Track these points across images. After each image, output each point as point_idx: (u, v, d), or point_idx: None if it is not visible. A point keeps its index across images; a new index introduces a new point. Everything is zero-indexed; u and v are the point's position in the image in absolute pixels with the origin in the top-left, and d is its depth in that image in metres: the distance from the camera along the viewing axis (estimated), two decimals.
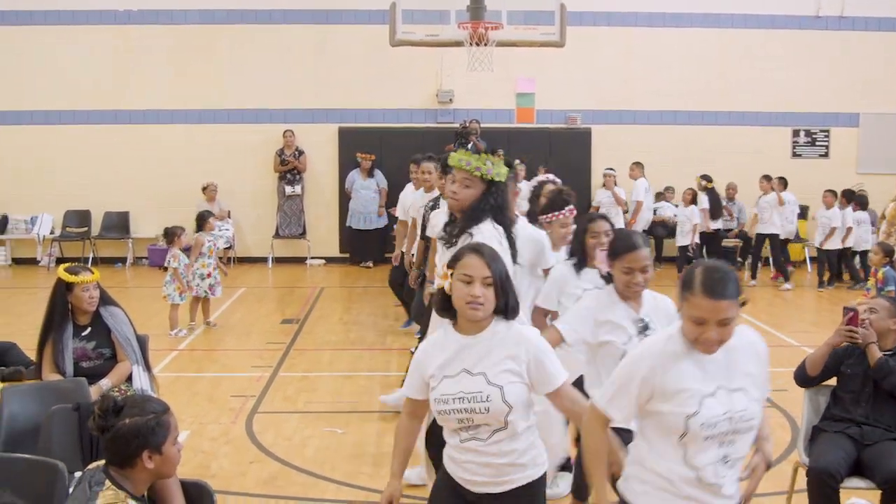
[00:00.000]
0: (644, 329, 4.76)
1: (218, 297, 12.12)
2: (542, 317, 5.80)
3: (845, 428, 5.39)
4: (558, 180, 8.80)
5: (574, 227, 6.41)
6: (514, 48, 14.47)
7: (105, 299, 6.32)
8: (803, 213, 17.39)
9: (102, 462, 3.47)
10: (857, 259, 15.85)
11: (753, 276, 16.04)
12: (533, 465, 3.78)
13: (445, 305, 3.80)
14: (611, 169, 16.65)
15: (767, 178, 16.14)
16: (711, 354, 3.39)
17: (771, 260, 16.39)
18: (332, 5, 17.71)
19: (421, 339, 7.33)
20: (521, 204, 10.32)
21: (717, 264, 3.46)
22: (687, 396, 3.39)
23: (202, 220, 11.98)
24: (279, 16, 17.77)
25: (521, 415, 3.69)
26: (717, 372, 3.42)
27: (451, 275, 3.72)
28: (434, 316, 5.22)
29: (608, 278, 5.00)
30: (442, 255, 5.44)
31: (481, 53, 13.18)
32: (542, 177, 7.77)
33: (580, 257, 5.76)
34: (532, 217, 7.44)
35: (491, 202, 5.35)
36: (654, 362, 3.45)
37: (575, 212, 6.61)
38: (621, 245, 4.82)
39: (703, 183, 16.53)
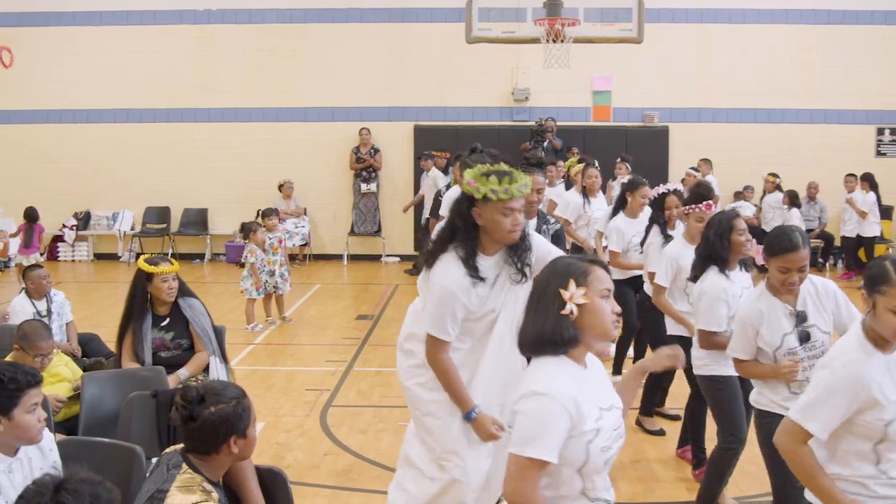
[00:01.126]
0: (802, 320, 4.63)
1: (285, 293, 12.15)
2: (714, 337, 5.50)
3: None
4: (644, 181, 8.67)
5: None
6: (591, 46, 14.33)
7: (184, 291, 6.40)
8: (887, 213, 16.99)
9: (180, 446, 3.51)
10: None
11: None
12: None
13: (575, 334, 3.11)
14: (694, 168, 16.43)
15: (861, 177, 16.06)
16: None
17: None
18: (409, 3, 17.76)
19: None
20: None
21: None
22: (886, 403, 3.42)
23: (248, 232, 12.06)
24: (356, 14, 17.87)
25: None
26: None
27: (585, 293, 3.09)
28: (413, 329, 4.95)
29: (762, 268, 4.97)
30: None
31: (558, 50, 13.09)
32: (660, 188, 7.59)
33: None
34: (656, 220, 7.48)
35: None
36: (859, 372, 3.45)
37: (713, 206, 6.44)
38: (779, 244, 4.60)
39: (777, 181, 16.29)
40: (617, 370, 8.68)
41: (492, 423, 4.51)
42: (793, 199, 15.84)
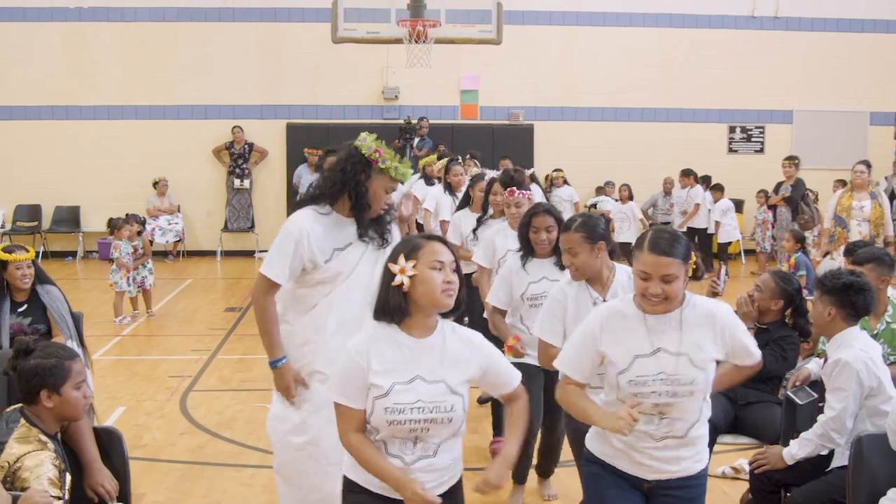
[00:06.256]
0: None
1: (150, 287, 12.36)
2: (501, 316, 5.81)
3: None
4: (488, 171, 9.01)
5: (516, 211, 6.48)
6: (458, 46, 14.90)
7: (42, 278, 6.63)
8: (738, 207, 17.93)
9: (20, 405, 3.88)
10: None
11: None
12: (460, 458, 3.63)
13: (400, 305, 3.44)
14: (557, 170, 17.37)
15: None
16: (657, 313, 3.64)
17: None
18: (281, 3, 18.08)
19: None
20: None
21: (667, 228, 3.80)
22: (621, 353, 3.65)
23: (114, 228, 12.21)
24: (228, 14, 18.10)
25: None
26: (664, 335, 3.64)
27: (414, 266, 3.40)
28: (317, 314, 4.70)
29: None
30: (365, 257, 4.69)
31: (420, 50, 13.58)
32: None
33: (525, 249, 5.67)
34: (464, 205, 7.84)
35: None
36: (603, 322, 3.72)
37: (514, 192, 6.54)
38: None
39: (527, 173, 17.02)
40: None
41: (293, 378, 4.67)
42: (629, 194, 16.59)
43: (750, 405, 5.78)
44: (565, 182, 17.32)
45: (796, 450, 4.90)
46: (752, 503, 5.40)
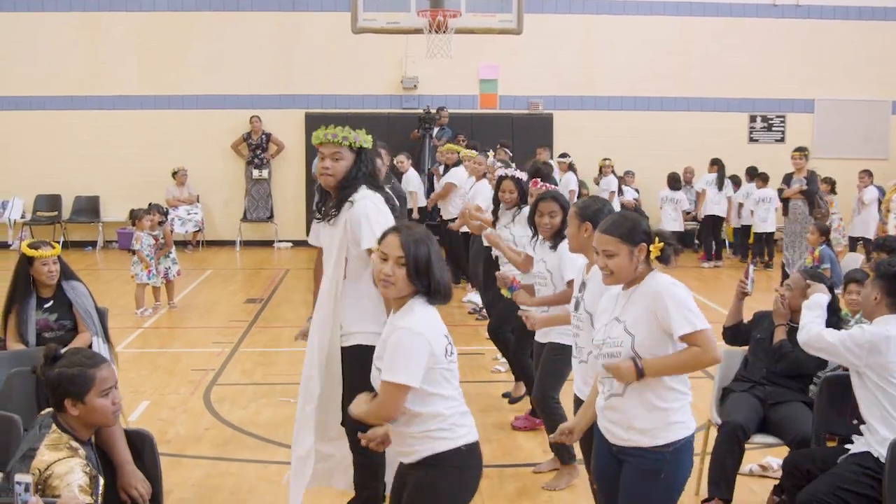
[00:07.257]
0: (579, 288, 4.97)
1: (173, 277, 12.36)
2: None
3: (750, 388, 5.84)
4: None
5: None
6: (479, 35, 14.79)
7: (67, 274, 6.63)
8: None
9: (52, 409, 3.87)
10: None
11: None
12: (430, 440, 3.79)
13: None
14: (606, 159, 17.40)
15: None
16: (608, 284, 4.12)
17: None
18: None
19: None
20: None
21: (626, 213, 4.36)
22: (597, 323, 4.27)
23: (136, 218, 12.08)
24: (246, 3, 18.08)
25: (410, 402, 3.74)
26: (619, 305, 4.09)
27: (376, 251, 3.85)
28: None
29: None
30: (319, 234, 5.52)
31: (440, 40, 13.51)
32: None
33: (533, 231, 6.31)
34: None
35: (363, 170, 5.33)
36: (604, 297, 4.32)
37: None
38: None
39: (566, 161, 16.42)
40: None
41: (303, 334, 5.65)
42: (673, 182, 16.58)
43: (778, 405, 5.74)
44: (612, 171, 17.21)
45: (807, 312, 5.12)
46: (784, 502, 5.36)
